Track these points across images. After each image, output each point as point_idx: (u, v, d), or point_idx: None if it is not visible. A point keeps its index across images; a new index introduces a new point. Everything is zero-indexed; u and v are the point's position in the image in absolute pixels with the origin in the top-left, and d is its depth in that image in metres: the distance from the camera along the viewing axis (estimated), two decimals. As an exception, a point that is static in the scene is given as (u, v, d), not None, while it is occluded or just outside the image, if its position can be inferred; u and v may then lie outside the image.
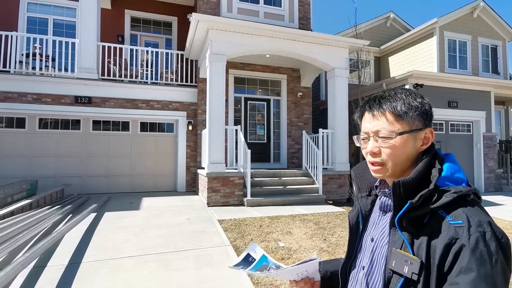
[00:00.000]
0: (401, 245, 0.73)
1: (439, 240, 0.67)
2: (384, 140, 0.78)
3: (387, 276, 0.74)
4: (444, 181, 0.74)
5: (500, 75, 11.93)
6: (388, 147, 0.78)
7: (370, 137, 0.81)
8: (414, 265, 0.69)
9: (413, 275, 0.68)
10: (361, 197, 0.91)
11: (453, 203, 0.70)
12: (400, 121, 0.78)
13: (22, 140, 7.57)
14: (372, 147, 0.80)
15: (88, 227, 4.68)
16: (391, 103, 0.80)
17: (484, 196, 8.82)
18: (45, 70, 7.89)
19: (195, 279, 3.03)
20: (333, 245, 4.05)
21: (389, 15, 13.16)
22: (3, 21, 8.59)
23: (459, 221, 0.67)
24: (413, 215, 0.72)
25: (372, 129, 0.80)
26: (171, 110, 8.54)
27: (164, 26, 10.52)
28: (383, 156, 0.79)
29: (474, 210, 0.70)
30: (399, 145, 0.77)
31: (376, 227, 0.84)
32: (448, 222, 0.68)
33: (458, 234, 0.66)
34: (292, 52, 7.41)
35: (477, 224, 0.66)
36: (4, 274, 2.68)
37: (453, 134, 10.03)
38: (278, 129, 9.32)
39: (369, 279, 0.81)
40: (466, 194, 0.72)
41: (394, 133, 0.77)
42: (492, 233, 0.66)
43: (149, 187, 8.44)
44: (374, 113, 0.81)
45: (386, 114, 0.79)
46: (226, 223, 4.98)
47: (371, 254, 0.82)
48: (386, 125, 0.79)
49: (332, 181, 7.45)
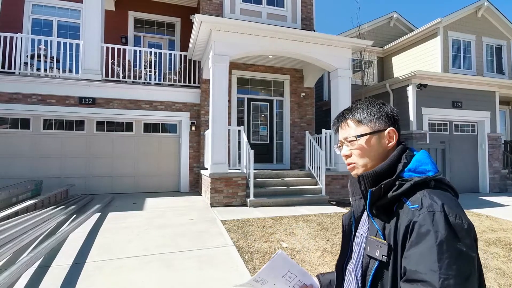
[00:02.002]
0: (375, 233, 0.81)
1: (401, 223, 0.76)
2: (351, 143, 0.92)
3: (365, 261, 0.82)
4: (409, 173, 0.82)
5: (505, 75, 11.83)
6: (355, 149, 0.91)
7: (343, 143, 0.95)
8: (383, 248, 0.77)
9: (383, 257, 0.76)
10: (354, 200, 0.99)
11: (413, 190, 0.78)
12: (361, 125, 0.91)
13: (27, 141, 7.64)
14: (344, 151, 0.94)
15: (92, 227, 4.71)
16: (352, 112, 0.95)
17: (489, 197, 8.75)
18: (50, 71, 7.96)
19: (198, 280, 3.04)
20: (336, 245, 4.04)
21: (392, 15, 13.11)
22: (8, 23, 8.67)
23: (416, 205, 0.75)
24: (380, 203, 0.82)
25: (342, 136, 0.95)
26: (174, 110, 8.57)
27: (168, 27, 10.56)
28: (353, 157, 0.92)
29: (431, 193, 0.77)
30: (363, 145, 0.90)
31: (364, 224, 0.92)
32: (407, 206, 0.77)
33: (414, 216, 0.74)
34: (295, 52, 7.40)
35: (427, 205, 0.74)
36: (9, 274, 2.70)
37: (458, 134, 9.95)
38: (281, 130, 9.32)
39: (357, 270, 0.88)
40: (425, 181, 0.79)
41: (355, 137, 0.91)
42: (441, 212, 0.72)
43: (152, 188, 8.47)
44: (342, 124, 0.97)
45: (348, 122, 0.95)
46: (229, 224, 4.99)
47: (359, 247, 0.90)
48: (351, 131, 0.93)
49: (335, 181, 7.43)
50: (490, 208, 6.99)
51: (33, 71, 7.82)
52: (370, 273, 0.79)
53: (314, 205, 6.62)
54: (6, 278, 2.63)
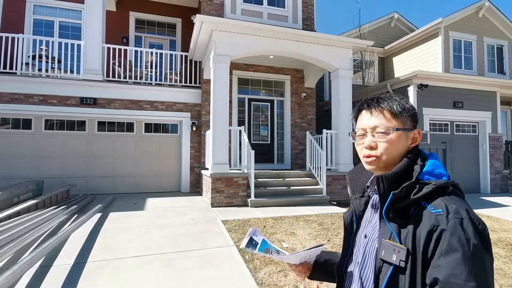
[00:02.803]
0: (389, 236, 0.79)
1: (422, 228, 0.73)
2: (381, 135, 0.85)
3: (378, 266, 0.79)
4: (425, 175, 0.80)
5: (506, 75, 11.81)
6: (384, 142, 0.85)
7: (368, 133, 0.88)
8: (401, 253, 0.75)
9: (400, 262, 0.74)
10: (355, 198, 0.97)
11: (433, 194, 0.76)
12: (396, 119, 0.86)
13: (29, 141, 7.66)
14: (369, 141, 0.86)
15: (93, 227, 4.72)
16: (388, 102, 0.88)
17: (490, 197, 8.74)
18: (51, 71, 7.98)
19: (199, 279, 3.04)
20: (337, 246, 4.04)
21: (393, 15, 13.10)
22: (10, 23, 8.70)
23: (439, 209, 0.73)
24: (398, 206, 0.78)
25: (370, 125, 0.87)
26: (175, 111, 8.58)
27: (169, 27, 10.58)
28: (379, 149, 0.86)
29: (452, 199, 0.76)
30: (394, 140, 0.85)
31: (369, 224, 0.90)
32: (429, 211, 0.74)
33: (438, 221, 0.72)
34: (296, 52, 7.40)
35: (454, 211, 0.72)
36: (10, 273, 2.71)
37: (459, 134, 9.94)
38: (281, 130, 9.32)
39: (362, 272, 0.86)
40: (445, 186, 0.78)
41: (391, 128, 0.85)
42: (469, 219, 0.71)
43: (153, 188, 8.48)
44: (372, 111, 0.89)
45: (384, 112, 0.87)
46: (230, 224, 4.99)
47: (364, 249, 0.88)
48: (383, 121, 0.86)
49: (336, 182, 7.43)
50: (491, 209, 6.98)
51: (35, 72, 7.84)
52: (385, 277, 0.77)
53: (315, 205, 6.62)
54: (7, 277, 2.64)
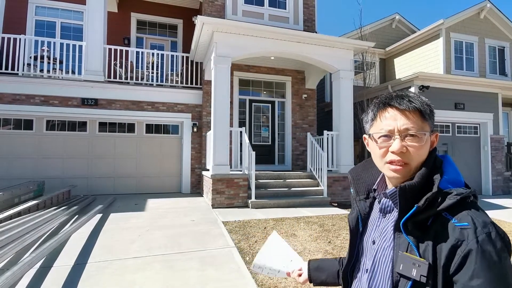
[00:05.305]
0: (406, 248, 0.73)
1: (445, 242, 0.68)
2: (413, 139, 0.75)
3: (395, 279, 0.74)
4: (446, 184, 0.73)
5: (508, 76, 11.78)
6: (417, 147, 0.75)
7: (396, 135, 0.76)
8: (422, 268, 0.69)
9: (421, 278, 0.68)
10: (359, 200, 0.91)
11: (456, 205, 0.70)
12: (426, 121, 0.77)
13: (30, 142, 7.67)
14: (399, 146, 0.75)
15: (94, 228, 4.72)
16: (421, 103, 0.77)
17: (492, 199, 8.70)
18: (53, 72, 7.99)
19: (199, 280, 3.03)
20: (338, 247, 4.03)
21: (394, 17, 13.11)
22: (12, 24, 8.73)
23: (465, 223, 0.68)
24: (418, 218, 0.72)
25: (401, 127, 0.76)
26: (176, 112, 8.59)
27: (170, 28, 10.60)
28: (410, 155, 0.75)
29: (476, 211, 0.70)
30: (425, 145, 0.76)
31: (377, 229, 0.84)
32: (453, 224, 0.68)
33: (464, 236, 0.66)
34: (297, 54, 7.41)
35: (482, 225, 0.67)
36: (11, 274, 2.71)
37: (460, 136, 9.91)
38: (282, 131, 9.32)
39: (372, 282, 0.81)
40: (467, 196, 0.71)
41: (424, 132, 0.76)
42: (496, 233, 0.67)
43: (154, 188, 8.48)
44: (404, 110, 0.77)
45: (417, 113, 0.76)
46: (231, 225, 4.98)
47: (373, 257, 0.82)
48: (417, 124, 0.76)
49: (337, 183, 7.41)
50: (493, 211, 6.96)
51: (36, 72, 7.87)
52: None
53: (316, 206, 6.60)
54: (8, 278, 2.64)
